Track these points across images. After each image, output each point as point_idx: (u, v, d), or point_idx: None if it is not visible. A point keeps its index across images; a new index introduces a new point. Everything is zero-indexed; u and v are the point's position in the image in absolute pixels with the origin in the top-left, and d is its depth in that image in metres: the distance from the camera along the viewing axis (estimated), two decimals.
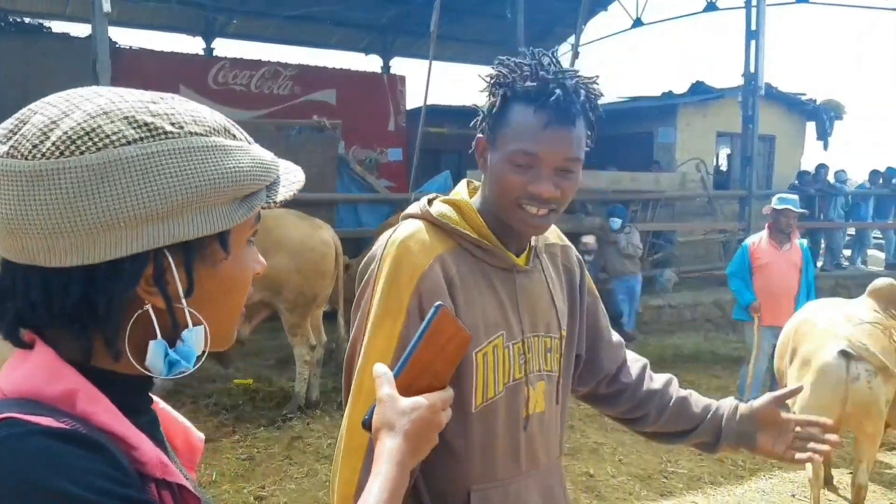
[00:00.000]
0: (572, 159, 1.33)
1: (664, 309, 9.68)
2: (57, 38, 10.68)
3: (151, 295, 0.74)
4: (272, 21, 11.68)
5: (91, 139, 0.68)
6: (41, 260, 0.69)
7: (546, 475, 1.51)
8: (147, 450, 0.73)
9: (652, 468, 4.96)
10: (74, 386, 0.71)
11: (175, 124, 0.73)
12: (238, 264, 0.81)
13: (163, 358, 0.76)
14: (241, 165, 0.76)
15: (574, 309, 1.59)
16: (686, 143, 12.55)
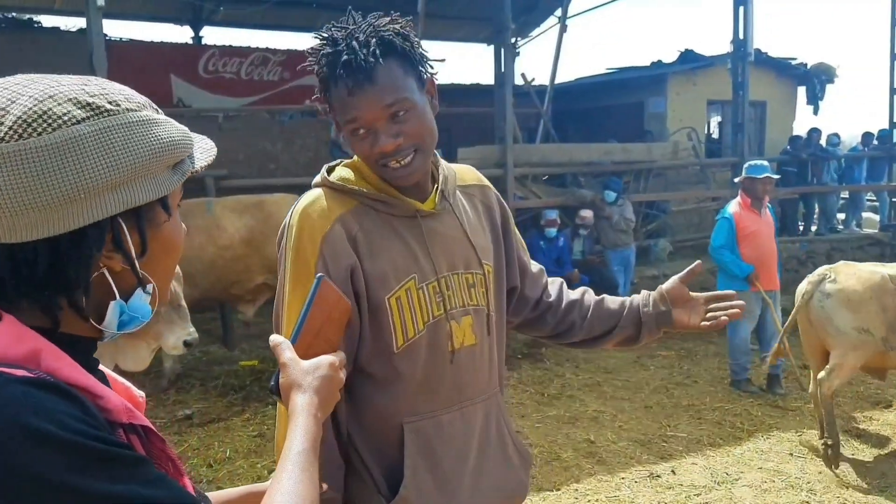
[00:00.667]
0: (391, 104, 1.38)
1: (660, 279, 9.69)
2: (48, 32, 10.69)
3: (111, 259, 0.81)
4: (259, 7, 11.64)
5: (45, 121, 0.74)
6: (6, 237, 0.74)
7: (483, 406, 1.59)
8: (111, 397, 0.80)
9: (651, 433, 5.09)
10: (38, 346, 0.76)
11: (112, 102, 0.80)
12: (176, 226, 0.90)
13: (118, 317, 0.84)
14: (172, 135, 0.85)
15: (499, 245, 1.67)
16: (677, 112, 12.59)
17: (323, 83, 1.42)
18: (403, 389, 1.49)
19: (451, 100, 12.75)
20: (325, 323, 1.15)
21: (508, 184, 8.95)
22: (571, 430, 5.12)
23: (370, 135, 1.41)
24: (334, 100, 1.41)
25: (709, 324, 1.68)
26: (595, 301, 1.78)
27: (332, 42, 1.39)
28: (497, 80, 10.07)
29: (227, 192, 7.12)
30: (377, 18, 1.41)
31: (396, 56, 1.39)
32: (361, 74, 1.36)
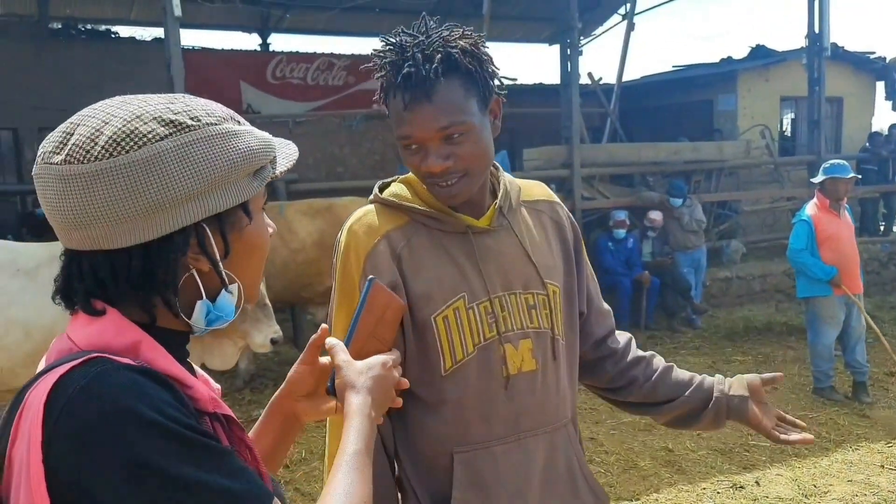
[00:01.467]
0: (447, 126, 1.32)
1: (732, 280, 9.53)
2: (124, 42, 11.06)
3: (197, 261, 0.88)
4: (324, 14, 11.79)
5: (133, 139, 0.81)
6: (105, 244, 0.83)
7: (547, 439, 1.48)
8: (200, 388, 0.86)
9: (732, 441, 4.94)
10: (138, 338, 0.84)
11: (193, 118, 0.86)
12: (258, 228, 0.95)
13: (205, 315, 0.91)
14: (250, 145, 0.90)
15: (570, 263, 1.57)
16: (748, 109, 12.24)
17: (383, 88, 1.38)
18: (453, 415, 1.41)
19: (514, 100, 12.68)
20: (378, 324, 1.15)
21: (575, 184, 8.85)
22: (648, 438, 5.00)
23: (421, 151, 1.36)
24: (391, 108, 1.37)
25: (784, 436, 1.54)
26: (664, 366, 1.65)
27: (399, 49, 1.34)
28: (563, 79, 9.94)
29: (297, 196, 7.21)
30: (450, 30, 1.35)
31: (460, 74, 1.33)
32: (420, 90, 1.30)
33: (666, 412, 1.64)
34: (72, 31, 11.14)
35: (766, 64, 12.56)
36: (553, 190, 6.52)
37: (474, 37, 1.37)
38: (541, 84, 14.36)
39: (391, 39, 1.36)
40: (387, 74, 1.35)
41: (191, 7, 9.82)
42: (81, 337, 0.84)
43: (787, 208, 11.04)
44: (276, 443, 1.11)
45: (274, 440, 1.11)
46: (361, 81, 12.41)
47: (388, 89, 1.36)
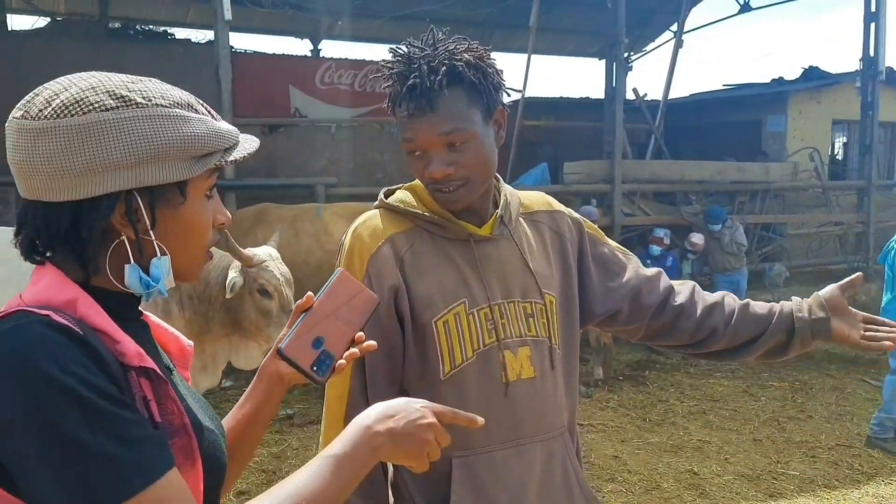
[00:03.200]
0: (448, 133, 1.37)
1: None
2: (179, 43, 11.32)
3: (125, 227, 0.94)
4: (375, 21, 11.95)
5: (79, 106, 0.89)
6: (43, 196, 0.91)
7: (545, 446, 1.49)
8: (126, 343, 0.91)
9: (760, 468, 4.85)
10: (75, 296, 0.91)
11: (145, 98, 0.93)
12: (195, 210, 1.00)
13: (138, 279, 0.96)
14: (196, 132, 0.95)
15: (568, 273, 1.58)
16: (798, 131, 12.02)
17: (391, 98, 1.43)
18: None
19: (559, 113, 12.67)
20: (343, 307, 1.16)
21: (615, 199, 8.80)
22: (673, 460, 4.94)
23: (424, 158, 1.41)
24: (398, 117, 1.42)
25: (872, 344, 1.53)
26: (740, 305, 1.64)
27: (407, 60, 1.39)
28: (608, 94, 9.92)
29: (335, 200, 7.31)
30: (457, 43, 1.40)
31: (464, 86, 1.38)
32: (423, 100, 1.36)
33: (754, 351, 1.64)
34: (129, 32, 11.46)
35: (819, 86, 12.32)
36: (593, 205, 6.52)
37: (480, 50, 1.42)
38: (587, 98, 14.30)
39: (399, 51, 1.42)
40: (394, 84, 1.40)
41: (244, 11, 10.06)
42: (29, 294, 0.92)
43: (835, 233, 10.80)
44: (260, 403, 1.15)
45: (258, 401, 1.15)
46: None
47: (395, 99, 1.41)
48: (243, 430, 1.15)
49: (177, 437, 0.92)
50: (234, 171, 7.35)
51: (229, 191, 7.45)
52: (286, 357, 1.10)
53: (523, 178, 9.36)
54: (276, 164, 8.47)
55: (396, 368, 1.46)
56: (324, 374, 1.10)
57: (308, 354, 1.10)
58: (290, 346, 1.11)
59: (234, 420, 1.16)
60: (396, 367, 1.46)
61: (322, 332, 1.12)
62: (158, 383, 0.92)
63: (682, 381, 6.81)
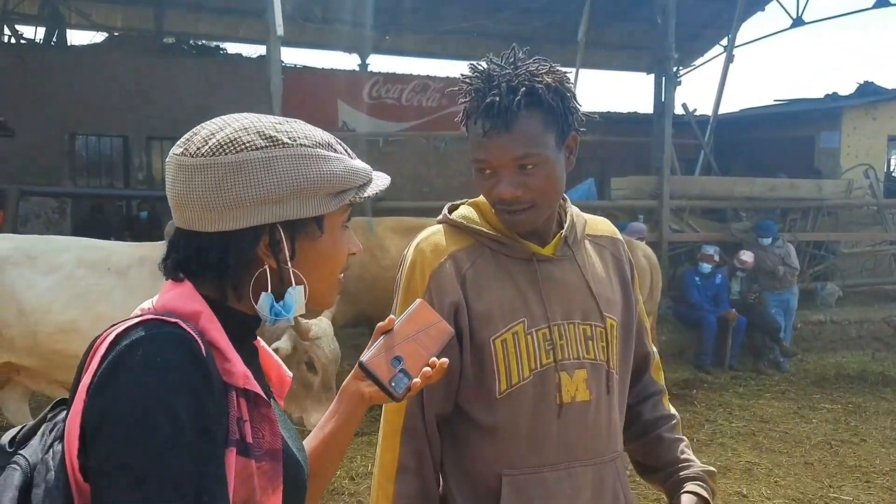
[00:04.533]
0: (521, 157, 1.36)
1: (826, 325, 9.10)
2: (231, 58, 11.61)
3: (267, 257, 1.01)
4: (422, 36, 12.07)
5: (233, 145, 0.97)
6: (196, 226, 0.98)
7: (596, 470, 1.47)
8: (236, 363, 0.97)
9: (812, 492, 4.72)
10: (200, 309, 0.98)
11: (291, 138, 1.00)
12: (331, 242, 1.06)
13: (269, 307, 1.02)
14: (335, 170, 1.03)
15: (629, 300, 1.58)
16: (852, 147, 11.74)
17: (466, 113, 1.44)
18: (505, 438, 1.43)
19: (607, 128, 12.59)
20: (420, 332, 1.21)
21: (663, 215, 8.70)
22: (722, 482, 4.83)
23: (494, 177, 1.40)
24: (471, 133, 1.42)
25: None
26: (671, 435, 1.60)
27: (487, 77, 1.39)
28: (656, 109, 9.82)
29: (382, 213, 7.36)
30: (538, 63, 1.40)
31: (542, 109, 1.37)
32: (500, 120, 1.35)
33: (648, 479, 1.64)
34: (183, 47, 11.78)
35: (874, 101, 12.03)
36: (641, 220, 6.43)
37: (561, 73, 1.41)
38: (635, 113, 14.19)
39: (480, 67, 1.42)
40: (472, 100, 1.41)
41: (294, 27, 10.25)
42: (160, 301, 1.01)
43: (890, 252, 10.51)
44: (343, 422, 1.19)
45: (342, 420, 1.19)
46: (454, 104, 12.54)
47: (471, 114, 1.42)
48: (325, 448, 1.19)
49: (264, 461, 0.97)
50: None
51: None
52: (367, 369, 1.15)
53: (570, 193, 9.24)
54: None
55: (453, 384, 1.45)
56: (400, 391, 1.15)
57: (388, 370, 1.15)
58: (372, 361, 1.16)
59: (317, 440, 1.20)
60: (453, 382, 1.45)
61: (401, 353, 1.17)
62: (258, 406, 0.99)
63: (731, 402, 6.68)
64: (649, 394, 1.67)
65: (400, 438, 1.45)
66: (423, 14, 11.71)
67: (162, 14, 11.73)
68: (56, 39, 11.01)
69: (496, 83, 1.37)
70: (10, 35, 11.06)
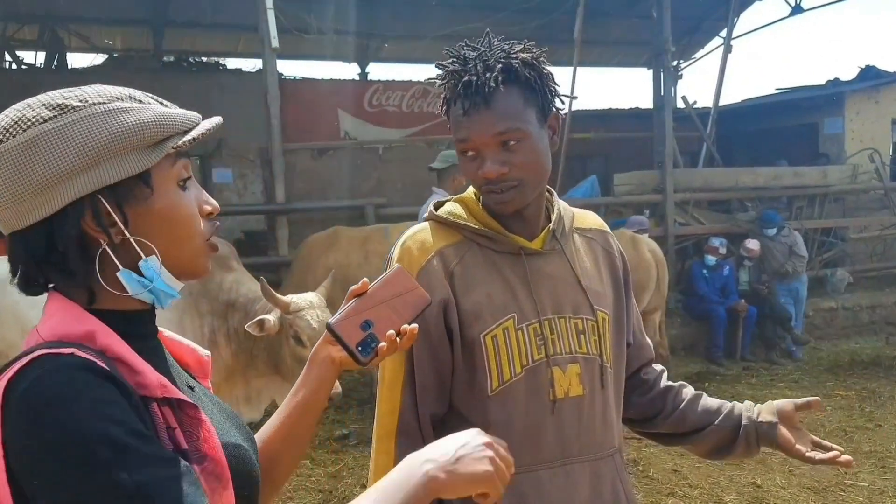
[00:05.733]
0: (503, 132, 1.35)
1: (837, 311, 9.05)
2: (231, 73, 11.65)
3: (99, 233, 0.91)
4: (421, 42, 12.07)
5: (18, 125, 0.88)
6: (17, 224, 0.90)
7: (593, 466, 1.45)
8: (148, 374, 0.90)
9: (827, 480, 4.67)
10: (93, 327, 0.90)
11: (81, 101, 0.91)
12: (170, 201, 0.96)
13: (137, 283, 0.93)
14: (141, 119, 0.92)
15: (619, 292, 1.56)
16: (856, 133, 11.65)
17: (445, 99, 1.43)
18: (499, 437, 1.36)
19: (609, 125, 12.56)
20: (395, 298, 1.18)
21: (668, 209, 8.68)
22: (735, 473, 4.80)
23: (478, 158, 1.39)
24: (452, 116, 1.41)
25: (819, 456, 1.46)
26: (692, 394, 1.62)
27: (462, 61, 1.39)
28: (657, 103, 9.80)
29: (385, 220, 7.37)
30: (511, 45, 1.40)
31: (520, 85, 1.37)
32: (479, 97, 1.35)
33: (697, 442, 1.60)
34: (183, 64, 11.84)
35: (877, 85, 11.94)
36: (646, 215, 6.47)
37: (536, 52, 1.41)
38: (636, 109, 14.16)
39: (454, 52, 1.42)
40: (448, 84, 1.40)
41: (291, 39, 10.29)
42: (46, 329, 0.92)
43: None
44: (314, 389, 1.14)
45: (312, 387, 1.14)
46: None
47: (450, 98, 1.41)
48: (299, 416, 1.15)
49: (206, 462, 0.91)
50: (284, 196, 7.49)
51: (281, 214, 7.59)
52: (333, 332, 1.12)
53: (573, 191, 9.29)
54: (326, 187, 8.60)
55: (445, 383, 1.44)
56: (367, 356, 1.12)
57: (355, 334, 1.12)
58: (339, 323, 1.12)
59: (289, 408, 1.16)
60: (445, 381, 1.44)
61: (372, 317, 1.14)
62: (184, 410, 0.92)
63: (743, 392, 6.64)
64: (659, 375, 1.66)
65: (395, 441, 1.43)
66: (420, 20, 11.73)
67: (160, 33, 11.78)
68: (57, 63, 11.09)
69: (471, 64, 1.37)
70: (10, 61, 11.15)
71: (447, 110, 1.43)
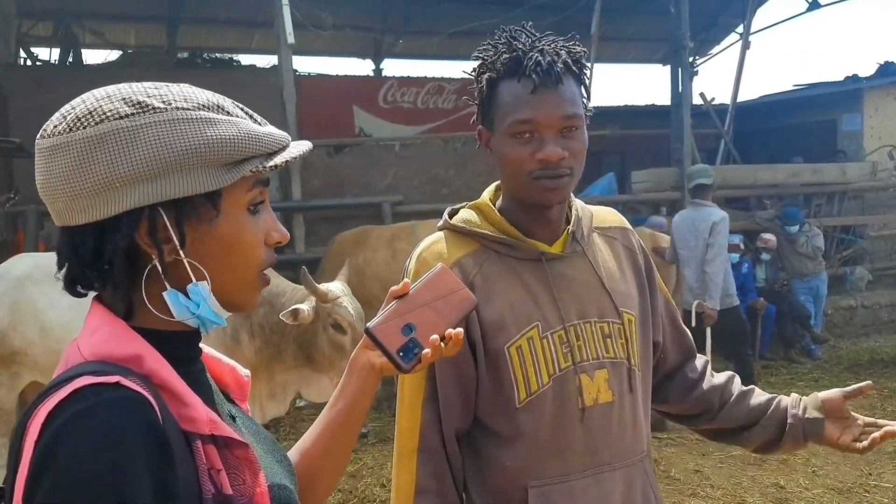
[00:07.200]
0: (570, 116, 1.31)
1: (857, 310, 8.96)
2: (245, 69, 11.63)
3: (150, 247, 0.84)
4: (435, 38, 12.02)
5: (93, 116, 0.82)
6: (68, 220, 0.84)
7: (625, 473, 1.41)
8: (197, 407, 0.83)
9: (851, 481, 4.62)
10: (140, 351, 0.83)
11: (165, 102, 0.84)
12: (234, 225, 0.88)
13: (184, 307, 0.86)
14: (225, 135, 0.85)
15: (644, 292, 1.51)
16: (875, 129, 11.52)
17: (492, 81, 1.36)
18: (528, 449, 1.37)
19: (625, 122, 12.48)
20: (439, 300, 1.10)
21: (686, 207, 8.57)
22: (758, 473, 4.75)
23: (535, 141, 1.32)
24: (505, 97, 1.33)
25: (863, 444, 1.43)
26: (741, 390, 1.59)
27: (522, 41, 1.34)
28: (674, 100, 9.72)
29: (402, 217, 7.35)
30: (564, 38, 1.37)
31: (574, 77, 1.35)
32: (551, 78, 1.30)
33: (743, 439, 1.58)
34: (197, 60, 11.83)
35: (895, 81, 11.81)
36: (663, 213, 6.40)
37: (582, 48, 1.39)
38: (653, 105, 14.07)
39: (504, 35, 1.37)
40: (504, 63, 1.34)
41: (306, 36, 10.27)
42: (88, 346, 0.84)
43: None
44: (354, 398, 1.07)
45: (352, 395, 1.08)
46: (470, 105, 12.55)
47: (504, 78, 1.35)
48: (340, 427, 1.08)
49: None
50: (300, 193, 7.47)
51: (297, 212, 7.57)
52: (373, 336, 1.04)
53: (590, 188, 9.23)
54: (342, 184, 8.57)
55: (469, 397, 1.40)
56: (409, 362, 1.03)
57: (396, 338, 1.04)
58: (378, 327, 1.05)
59: (329, 419, 1.09)
60: (469, 395, 1.40)
61: (414, 320, 1.06)
62: (232, 449, 0.85)
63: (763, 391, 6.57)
64: (703, 370, 1.62)
65: (416, 458, 1.38)
66: (435, 16, 11.69)
67: (174, 29, 11.79)
68: (71, 60, 11.11)
69: (537, 46, 1.32)
70: (25, 57, 11.18)
71: (491, 91, 1.37)
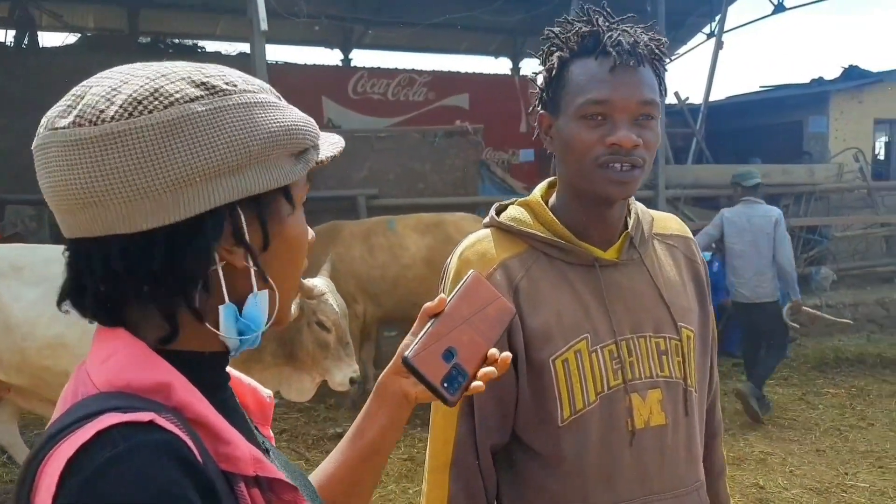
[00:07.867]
0: (648, 102, 1.21)
1: (822, 309, 9.03)
2: (210, 56, 11.33)
3: (231, 253, 0.72)
4: (406, 30, 11.89)
5: (157, 98, 0.67)
6: (121, 227, 0.67)
7: (679, 503, 1.31)
8: (240, 445, 0.71)
9: (828, 480, 4.66)
10: (168, 378, 0.69)
11: (228, 83, 0.72)
12: (300, 223, 0.80)
13: (234, 324, 0.73)
14: (295, 120, 0.76)
15: (704, 306, 1.40)
16: (840, 132, 11.75)
17: (563, 60, 1.25)
18: (572, 473, 1.26)
19: None
20: (476, 315, 0.98)
21: (660, 206, 8.61)
22: (737, 473, 4.75)
23: (607, 123, 1.20)
24: (578, 76, 1.23)
25: None
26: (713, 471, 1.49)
27: (602, 21, 1.25)
28: None
29: (377, 211, 7.22)
30: (644, 25, 1.28)
31: (653, 67, 1.26)
32: (633, 58, 1.20)
33: None
34: (160, 46, 11.50)
35: (860, 85, 12.04)
36: None
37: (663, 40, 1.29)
38: None
39: (580, 14, 1.27)
40: (584, 36, 1.24)
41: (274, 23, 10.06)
42: (102, 373, 0.69)
43: (881, 235, 10.53)
44: (384, 429, 0.95)
45: (382, 427, 0.95)
46: (442, 98, 12.45)
47: (579, 57, 1.24)
48: (364, 461, 0.96)
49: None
50: None
51: None
52: (413, 367, 0.91)
53: None
54: (316, 177, 8.38)
55: (508, 411, 1.29)
56: (454, 393, 0.91)
57: (438, 367, 0.91)
58: (418, 356, 0.91)
59: (355, 451, 0.96)
60: (508, 409, 1.29)
61: (454, 343, 0.93)
62: (277, 492, 0.74)
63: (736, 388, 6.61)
64: (713, 432, 1.50)
65: (449, 474, 1.28)
66: (406, 7, 11.54)
67: (135, 13, 11.44)
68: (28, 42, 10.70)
69: (616, 27, 1.23)
70: None
71: (562, 71, 1.25)
